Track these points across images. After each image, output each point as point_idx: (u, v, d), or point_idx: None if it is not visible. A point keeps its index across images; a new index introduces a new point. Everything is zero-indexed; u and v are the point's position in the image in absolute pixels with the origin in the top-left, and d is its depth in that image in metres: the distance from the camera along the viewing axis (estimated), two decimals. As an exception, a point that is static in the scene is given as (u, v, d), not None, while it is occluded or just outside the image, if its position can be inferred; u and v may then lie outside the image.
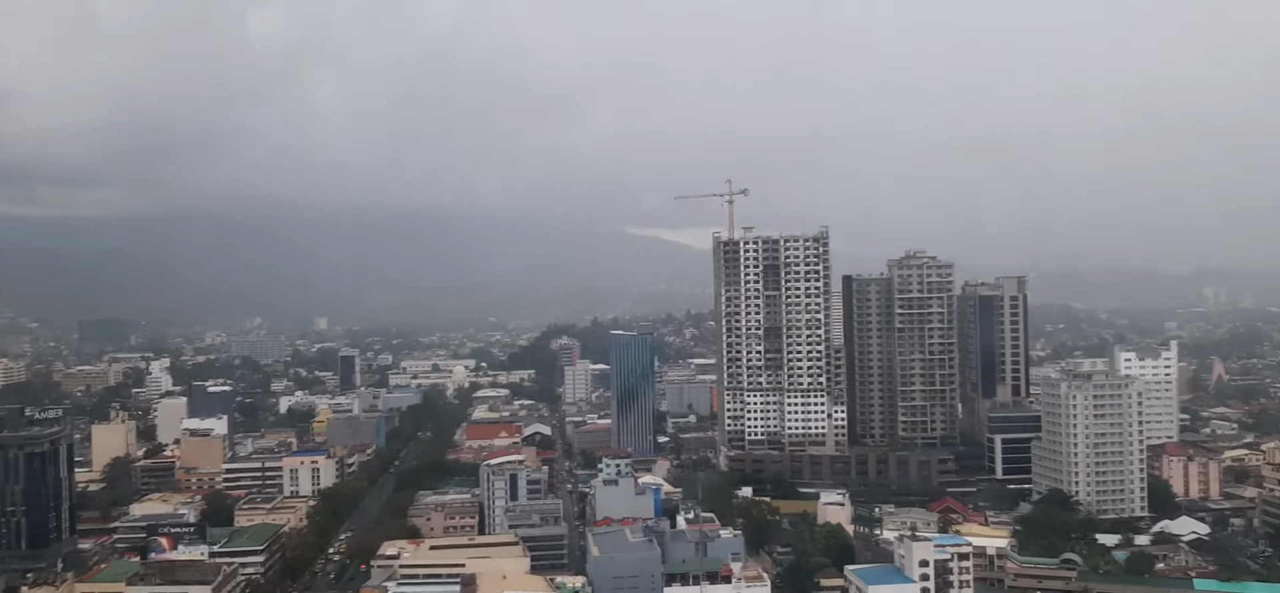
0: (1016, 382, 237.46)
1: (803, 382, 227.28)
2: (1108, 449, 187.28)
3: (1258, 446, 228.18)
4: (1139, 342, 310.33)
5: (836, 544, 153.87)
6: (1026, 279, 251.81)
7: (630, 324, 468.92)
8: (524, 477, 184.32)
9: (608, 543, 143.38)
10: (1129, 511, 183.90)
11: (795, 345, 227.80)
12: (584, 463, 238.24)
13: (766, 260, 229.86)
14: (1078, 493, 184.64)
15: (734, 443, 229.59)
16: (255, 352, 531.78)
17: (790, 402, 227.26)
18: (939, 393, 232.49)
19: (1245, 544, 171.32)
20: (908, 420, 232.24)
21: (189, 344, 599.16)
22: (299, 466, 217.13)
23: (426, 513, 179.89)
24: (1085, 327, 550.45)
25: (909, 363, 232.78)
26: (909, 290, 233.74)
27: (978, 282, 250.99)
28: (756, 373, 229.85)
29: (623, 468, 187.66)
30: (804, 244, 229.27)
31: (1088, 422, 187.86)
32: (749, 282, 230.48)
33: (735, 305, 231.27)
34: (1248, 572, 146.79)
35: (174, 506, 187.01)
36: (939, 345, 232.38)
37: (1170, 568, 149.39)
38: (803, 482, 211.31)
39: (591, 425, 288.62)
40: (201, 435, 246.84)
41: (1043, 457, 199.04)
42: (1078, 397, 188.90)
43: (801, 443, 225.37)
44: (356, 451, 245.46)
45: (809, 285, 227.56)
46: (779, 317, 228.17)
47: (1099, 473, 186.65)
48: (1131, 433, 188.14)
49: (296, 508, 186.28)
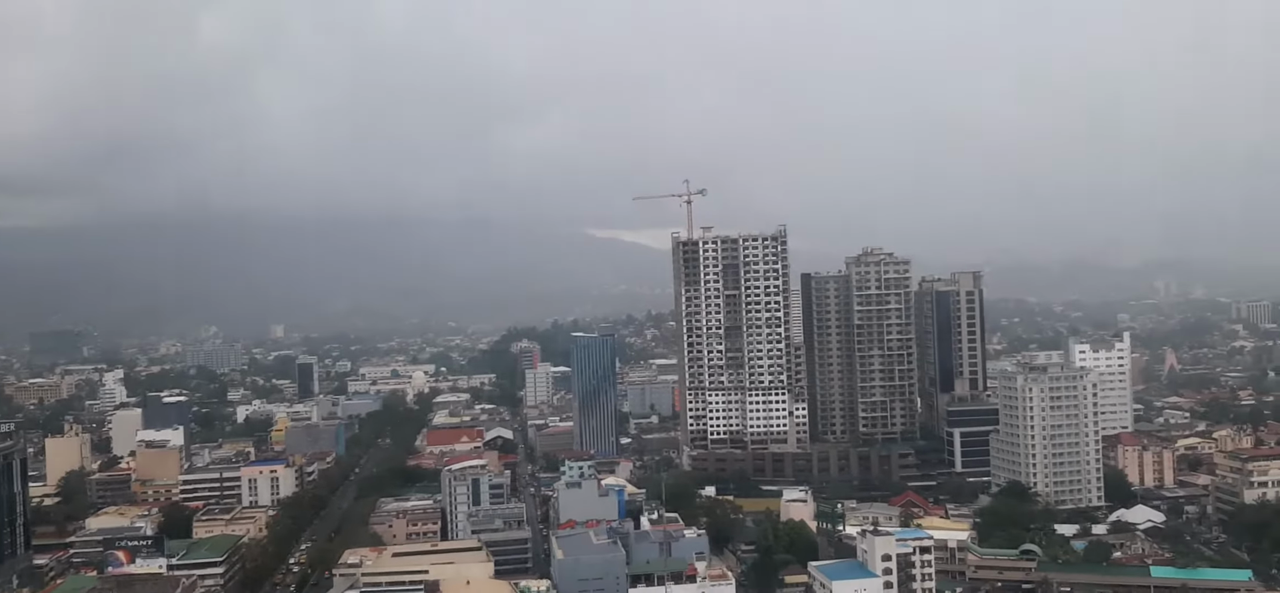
0: (974, 376, 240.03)
1: (764, 380, 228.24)
2: (1064, 440, 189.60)
3: (1210, 434, 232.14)
4: (1093, 334, 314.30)
5: (800, 541, 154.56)
6: (982, 274, 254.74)
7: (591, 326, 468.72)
8: (486, 481, 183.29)
9: (572, 546, 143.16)
10: (1086, 500, 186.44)
11: (755, 344, 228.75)
12: (547, 466, 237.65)
13: (726, 260, 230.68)
14: (1036, 484, 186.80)
15: (696, 442, 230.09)
16: (211, 361, 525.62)
17: (752, 400, 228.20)
18: (898, 388, 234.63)
19: (1199, 531, 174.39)
20: (868, 416, 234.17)
21: (143, 355, 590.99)
22: (258, 475, 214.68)
23: (388, 520, 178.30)
24: (1040, 320, 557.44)
25: (868, 359, 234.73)
26: (867, 287, 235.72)
27: (934, 278, 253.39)
28: (718, 372, 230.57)
29: (586, 470, 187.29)
30: (763, 243, 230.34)
31: (1044, 414, 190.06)
32: (709, 281, 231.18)
33: (695, 305, 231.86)
34: (1202, 558, 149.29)
35: (131, 519, 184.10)
36: (897, 341, 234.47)
37: (1127, 556, 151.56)
38: (765, 480, 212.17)
39: (553, 428, 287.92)
40: (157, 447, 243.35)
41: (1001, 449, 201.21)
42: (1034, 389, 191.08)
43: (764, 441, 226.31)
44: (316, 459, 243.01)
45: (768, 284, 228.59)
46: (739, 316, 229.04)
47: (1056, 464, 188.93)
48: (1087, 424, 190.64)
49: (256, 518, 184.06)
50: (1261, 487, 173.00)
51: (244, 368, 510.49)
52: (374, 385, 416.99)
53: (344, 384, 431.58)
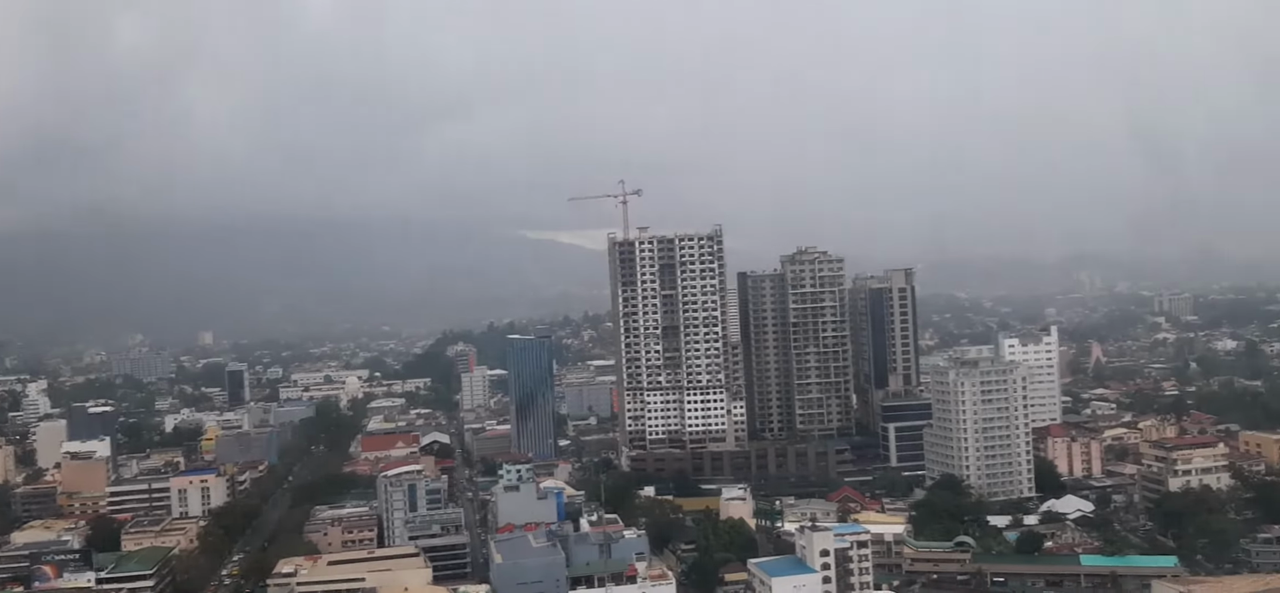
0: (907, 371, 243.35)
1: (701, 379, 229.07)
2: (995, 433, 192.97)
3: (1135, 424, 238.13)
4: (1021, 328, 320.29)
5: (739, 539, 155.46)
6: (913, 271, 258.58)
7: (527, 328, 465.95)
8: (423, 487, 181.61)
9: (510, 549, 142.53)
10: (1017, 492, 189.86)
11: (693, 343, 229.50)
12: (484, 470, 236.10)
13: (662, 260, 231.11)
14: (969, 477, 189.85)
15: (635, 443, 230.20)
16: (137, 370, 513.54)
17: (690, 399, 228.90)
18: (834, 385, 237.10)
19: (1127, 519, 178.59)
20: (805, 413, 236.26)
21: (67, 365, 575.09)
22: (188, 485, 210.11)
23: (323, 528, 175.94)
24: (970, 315, 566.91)
25: (804, 356, 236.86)
26: (802, 285, 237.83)
27: (868, 275, 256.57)
28: (655, 372, 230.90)
29: (524, 473, 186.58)
30: (699, 243, 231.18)
31: (976, 407, 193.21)
32: (645, 281, 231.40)
33: (632, 305, 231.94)
34: (1130, 546, 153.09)
35: (57, 532, 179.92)
36: (832, 338, 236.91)
37: (1058, 545, 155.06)
38: (704, 478, 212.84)
39: (491, 432, 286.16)
40: (83, 459, 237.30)
41: (934, 443, 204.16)
42: (965, 384, 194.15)
43: (702, 440, 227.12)
44: (248, 467, 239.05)
45: (705, 284, 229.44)
46: (676, 315, 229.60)
47: (988, 457, 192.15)
48: (1017, 417, 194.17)
49: (186, 529, 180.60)
50: (1185, 475, 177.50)
51: (172, 376, 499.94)
52: (306, 392, 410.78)
53: (275, 391, 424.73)
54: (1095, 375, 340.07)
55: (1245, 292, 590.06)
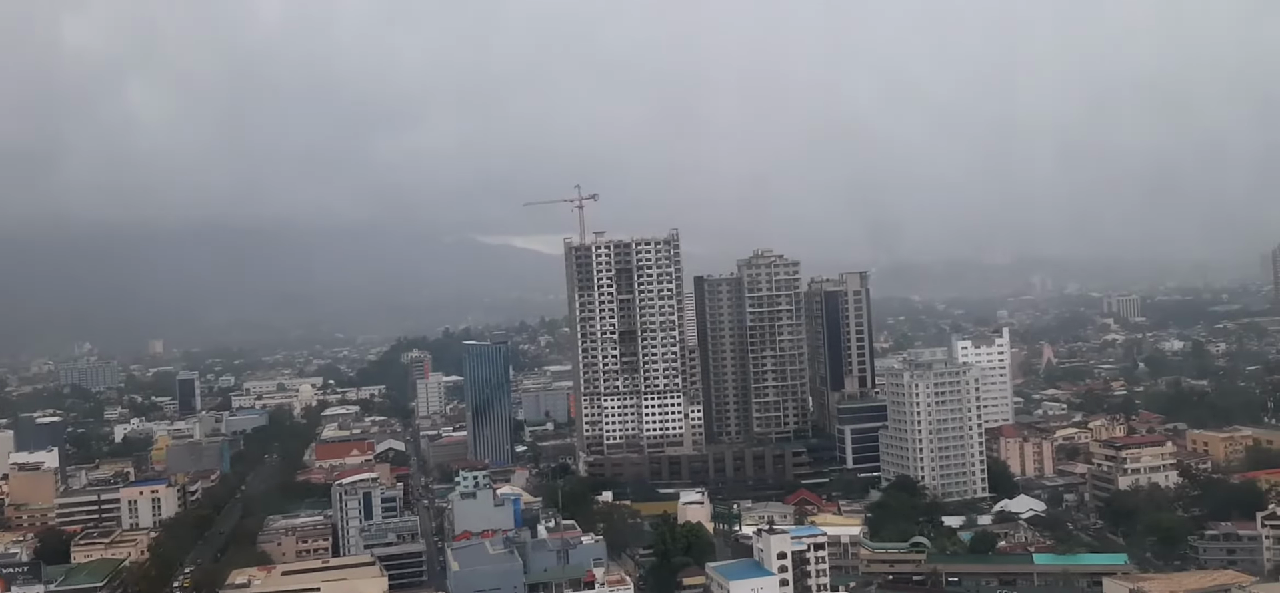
0: (863, 374, 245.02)
1: (659, 383, 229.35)
2: (949, 434, 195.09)
3: (1086, 424, 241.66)
4: (974, 330, 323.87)
5: (697, 543, 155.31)
6: (868, 274, 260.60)
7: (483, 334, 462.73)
8: (378, 495, 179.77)
9: (467, 557, 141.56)
10: (971, 492, 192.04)
11: (650, 348, 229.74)
12: (440, 477, 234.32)
13: (619, 264, 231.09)
14: (923, 478, 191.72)
15: (593, 448, 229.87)
16: (86, 379, 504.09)
17: (647, 404, 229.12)
18: (790, 388, 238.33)
19: (1078, 518, 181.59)
20: (762, 416, 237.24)
21: (13, 374, 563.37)
22: (138, 496, 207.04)
23: (277, 538, 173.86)
24: (924, 318, 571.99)
25: (761, 360, 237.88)
26: (759, 289, 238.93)
27: (823, 278, 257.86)
28: (613, 377, 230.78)
29: (480, 480, 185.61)
30: (655, 247, 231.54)
31: (930, 409, 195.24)
32: (602, 286, 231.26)
33: (589, 310, 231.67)
34: (1081, 544, 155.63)
35: (5, 544, 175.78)
36: (789, 342, 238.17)
37: (1011, 544, 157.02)
38: (662, 483, 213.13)
39: (447, 439, 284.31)
40: (31, 470, 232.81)
41: (889, 445, 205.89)
42: (920, 385, 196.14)
43: (660, 444, 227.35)
44: (199, 477, 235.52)
45: (662, 288, 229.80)
46: (633, 320, 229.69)
47: (942, 457, 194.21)
48: (970, 418, 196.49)
49: (137, 541, 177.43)
50: (1135, 474, 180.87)
51: (121, 386, 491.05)
52: (259, 400, 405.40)
53: (227, 399, 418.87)
54: (1046, 376, 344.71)
55: (1191, 293, 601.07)
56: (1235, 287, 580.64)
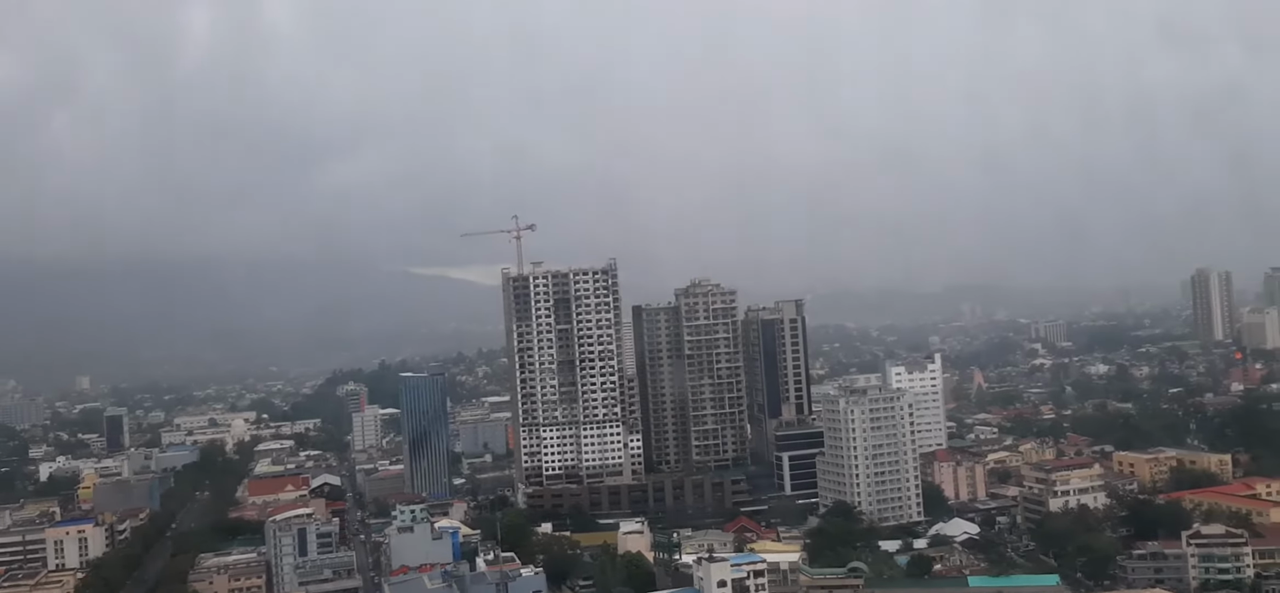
0: (799, 400, 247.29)
1: (598, 413, 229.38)
2: (885, 459, 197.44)
3: (1016, 447, 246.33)
4: (907, 356, 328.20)
5: (637, 572, 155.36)
6: (804, 302, 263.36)
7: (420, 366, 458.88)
8: (313, 530, 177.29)
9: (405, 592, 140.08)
10: (907, 516, 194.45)
11: (589, 377, 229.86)
12: (377, 512, 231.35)
13: (557, 294, 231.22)
14: (860, 503, 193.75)
15: (532, 479, 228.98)
16: (9, 417, 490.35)
17: (586, 434, 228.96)
18: (729, 416, 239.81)
19: (1011, 540, 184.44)
20: (701, 444, 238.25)
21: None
22: (64, 536, 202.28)
23: (208, 577, 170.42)
24: (859, 345, 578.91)
25: (699, 388, 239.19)
26: (696, 318, 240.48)
27: (760, 307, 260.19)
28: (551, 407, 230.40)
29: (418, 514, 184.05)
30: (593, 277, 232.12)
31: (865, 434, 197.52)
32: (540, 316, 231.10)
33: (527, 341, 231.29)
34: (1014, 566, 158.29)
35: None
36: (726, 370, 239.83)
37: (947, 568, 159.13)
38: (602, 513, 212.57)
39: (383, 472, 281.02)
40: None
41: (827, 471, 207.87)
42: (855, 411, 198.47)
43: (599, 474, 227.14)
44: (128, 516, 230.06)
45: (600, 318, 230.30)
46: (571, 350, 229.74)
47: (878, 482, 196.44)
48: (905, 443, 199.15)
49: (63, 582, 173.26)
50: (1064, 496, 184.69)
51: (47, 423, 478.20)
52: (190, 436, 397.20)
53: (157, 436, 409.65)
54: (978, 401, 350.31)
55: (1115, 318, 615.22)
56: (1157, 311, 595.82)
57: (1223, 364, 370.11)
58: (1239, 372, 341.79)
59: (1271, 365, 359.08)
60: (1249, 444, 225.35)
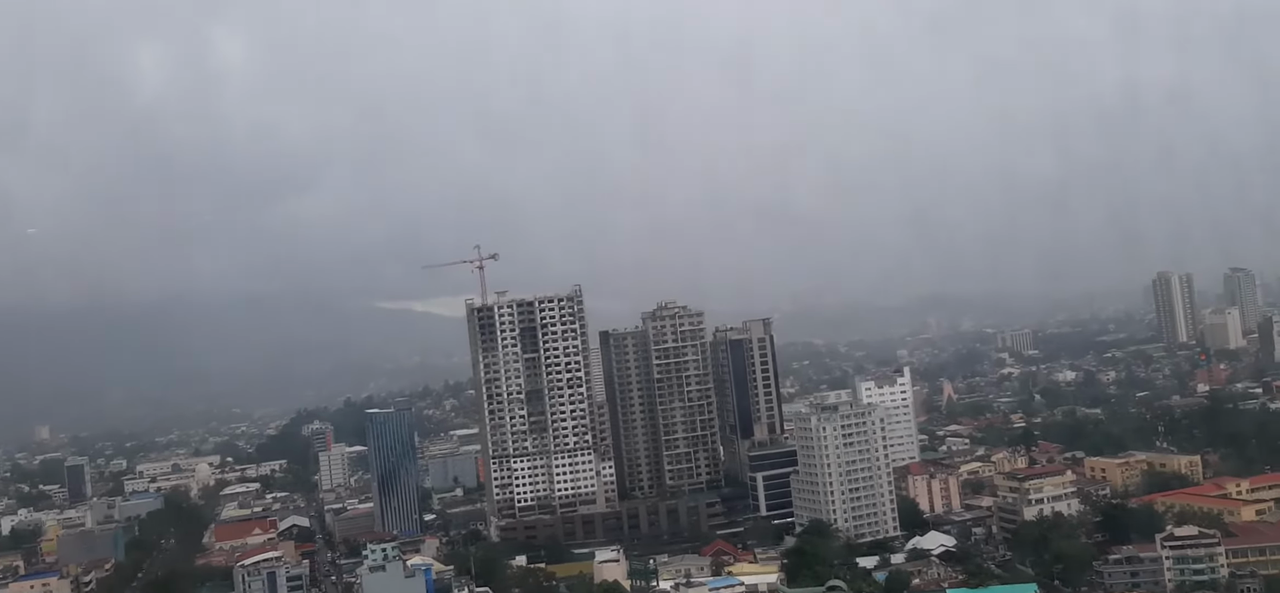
0: (771, 420, 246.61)
1: (568, 442, 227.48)
2: (859, 475, 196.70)
3: (989, 457, 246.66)
4: (876, 370, 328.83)
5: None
6: (772, 321, 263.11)
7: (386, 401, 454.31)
8: (283, 574, 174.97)
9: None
10: (883, 532, 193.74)
11: (558, 406, 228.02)
12: (348, 552, 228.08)
13: (522, 323, 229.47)
14: (836, 520, 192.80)
15: (504, 511, 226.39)
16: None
17: (557, 463, 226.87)
18: (701, 438, 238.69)
19: (987, 551, 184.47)
20: (674, 468, 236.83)
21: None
22: (27, 591, 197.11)
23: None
24: (828, 361, 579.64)
25: (670, 412, 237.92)
26: (664, 341, 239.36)
27: (727, 327, 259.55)
28: (521, 438, 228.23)
29: (389, 552, 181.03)
30: (559, 304, 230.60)
31: (839, 451, 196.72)
32: (506, 346, 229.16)
33: (494, 371, 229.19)
34: (992, 576, 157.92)
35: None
36: (697, 392, 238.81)
37: (925, 582, 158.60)
38: (577, 543, 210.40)
39: (353, 511, 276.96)
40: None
41: (801, 489, 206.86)
42: (827, 428, 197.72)
43: (572, 504, 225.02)
44: (93, 567, 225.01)
45: (567, 345, 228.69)
46: (540, 379, 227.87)
47: (853, 499, 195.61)
48: (878, 457, 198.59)
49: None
50: (1038, 504, 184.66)
51: (7, 475, 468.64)
52: (154, 483, 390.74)
53: (120, 484, 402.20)
54: (948, 412, 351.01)
55: (1080, 325, 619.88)
56: (1120, 316, 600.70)
57: (1187, 366, 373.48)
58: (1204, 373, 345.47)
59: (1235, 365, 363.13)
60: (1217, 444, 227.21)
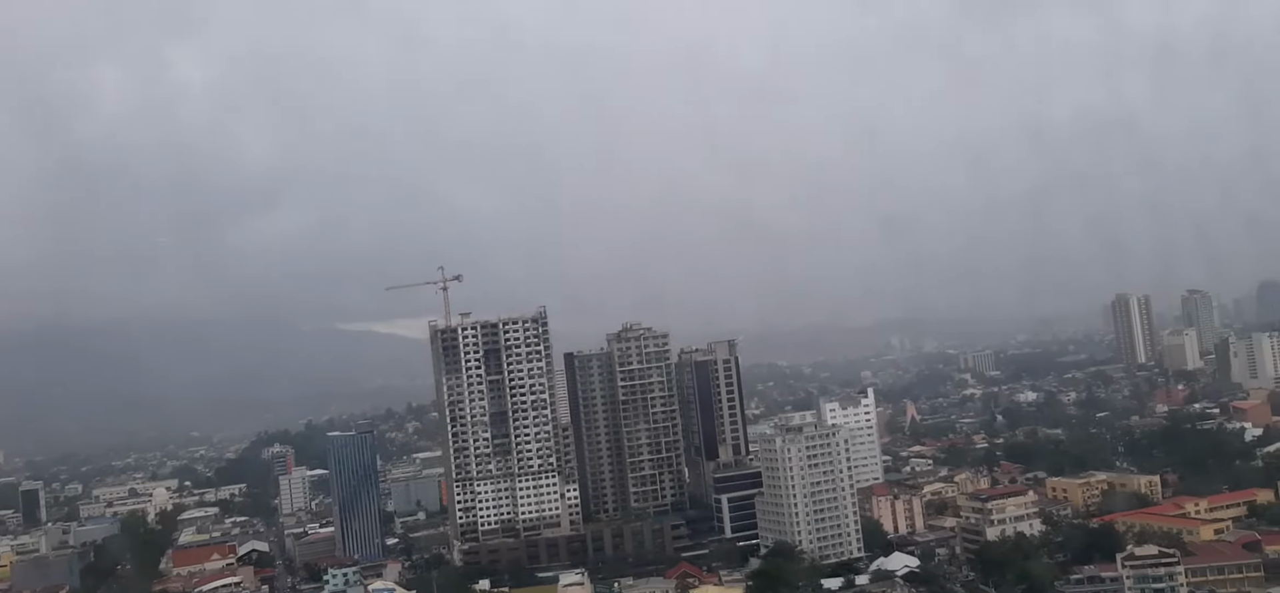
0: (736, 441, 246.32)
1: (532, 464, 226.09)
2: (823, 497, 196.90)
3: (952, 478, 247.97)
4: (840, 392, 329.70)
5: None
6: (736, 343, 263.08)
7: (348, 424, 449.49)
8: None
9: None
10: (847, 553, 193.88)
11: (522, 428, 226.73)
12: (308, 577, 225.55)
13: (486, 345, 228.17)
14: (800, 542, 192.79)
15: (467, 535, 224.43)
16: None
17: (522, 486, 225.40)
18: (666, 460, 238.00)
19: (950, 571, 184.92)
20: (639, 490, 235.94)
21: None
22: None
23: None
24: (792, 382, 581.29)
25: (635, 434, 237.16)
26: (629, 363, 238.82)
27: (692, 349, 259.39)
28: (485, 460, 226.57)
29: (350, 577, 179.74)
30: (523, 326, 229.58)
31: (803, 472, 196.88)
32: (470, 368, 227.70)
33: (458, 394, 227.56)
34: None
35: None
36: (662, 414, 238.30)
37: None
38: (541, 566, 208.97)
39: (314, 535, 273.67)
40: None
41: (766, 511, 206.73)
42: (792, 450, 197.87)
43: (536, 526, 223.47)
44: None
45: (531, 367, 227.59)
46: (503, 401, 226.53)
47: (818, 520, 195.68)
48: (842, 478, 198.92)
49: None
50: (1001, 524, 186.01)
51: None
52: (110, 507, 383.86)
53: (75, 509, 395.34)
54: (912, 433, 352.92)
55: (1040, 346, 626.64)
56: (1080, 337, 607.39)
57: (1146, 387, 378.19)
58: (1163, 393, 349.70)
59: (1193, 386, 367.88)
60: (1176, 464, 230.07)
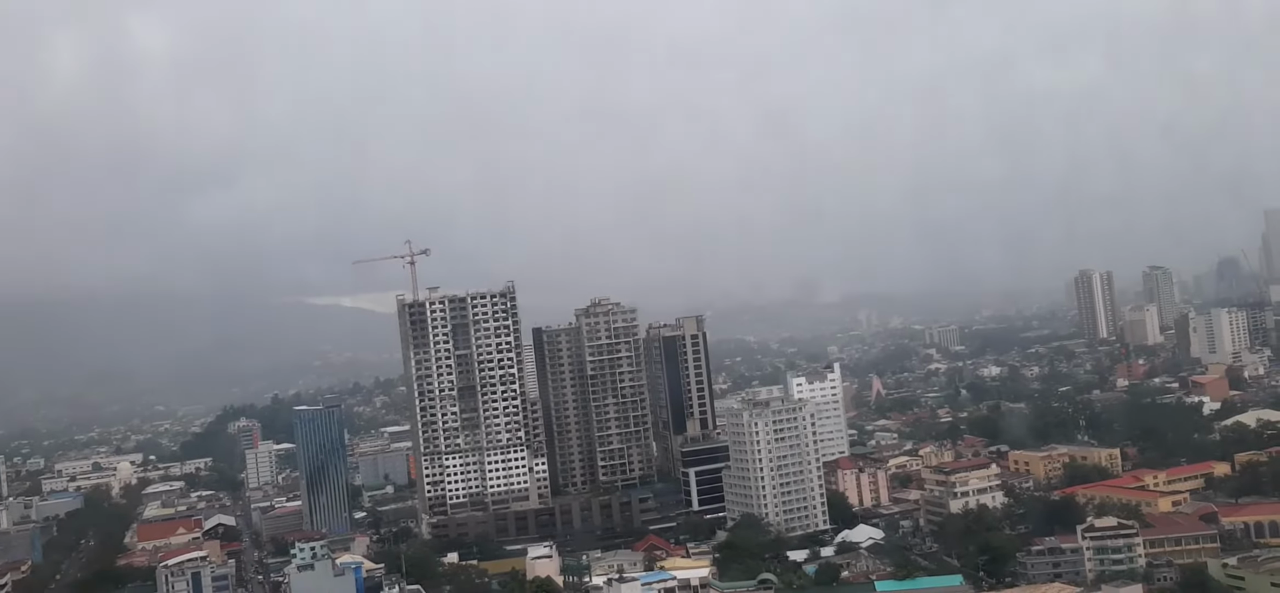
0: (704, 415, 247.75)
1: (501, 438, 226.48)
2: (789, 470, 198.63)
3: (916, 452, 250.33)
4: (807, 366, 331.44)
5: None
6: (704, 318, 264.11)
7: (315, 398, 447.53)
8: (208, 574, 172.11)
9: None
10: (813, 525, 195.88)
11: (491, 402, 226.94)
12: (275, 551, 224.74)
13: (454, 319, 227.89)
14: (767, 515, 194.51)
15: (436, 509, 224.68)
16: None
17: (490, 460, 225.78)
18: (634, 434, 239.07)
19: (915, 543, 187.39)
20: (607, 464, 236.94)
21: None
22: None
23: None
24: (760, 357, 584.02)
25: (603, 408, 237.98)
26: (598, 338, 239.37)
27: (661, 323, 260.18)
28: (453, 434, 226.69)
29: (318, 551, 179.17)
30: (491, 300, 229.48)
31: (770, 446, 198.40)
32: (438, 342, 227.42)
33: (426, 368, 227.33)
34: (919, 569, 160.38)
35: None
36: (630, 388, 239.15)
37: (854, 574, 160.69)
38: (509, 539, 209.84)
39: (280, 509, 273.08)
40: None
41: (733, 484, 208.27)
42: (759, 424, 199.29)
43: (505, 500, 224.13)
44: (9, 570, 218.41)
45: (500, 341, 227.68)
46: (472, 375, 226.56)
47: (784, 493, 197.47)
48: (809, 452, 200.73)
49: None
50: (964, 497, 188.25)
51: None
52: (73, 482, 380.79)
53: (37, 483, 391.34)
54: (877, 408, 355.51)
55: (1005, 321, 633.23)
56: (1044, 313, 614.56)
57: (1108, 361, 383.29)
58: (1124, 368, 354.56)
59: (1153, 361, 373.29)
60: (1136, 438, 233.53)
